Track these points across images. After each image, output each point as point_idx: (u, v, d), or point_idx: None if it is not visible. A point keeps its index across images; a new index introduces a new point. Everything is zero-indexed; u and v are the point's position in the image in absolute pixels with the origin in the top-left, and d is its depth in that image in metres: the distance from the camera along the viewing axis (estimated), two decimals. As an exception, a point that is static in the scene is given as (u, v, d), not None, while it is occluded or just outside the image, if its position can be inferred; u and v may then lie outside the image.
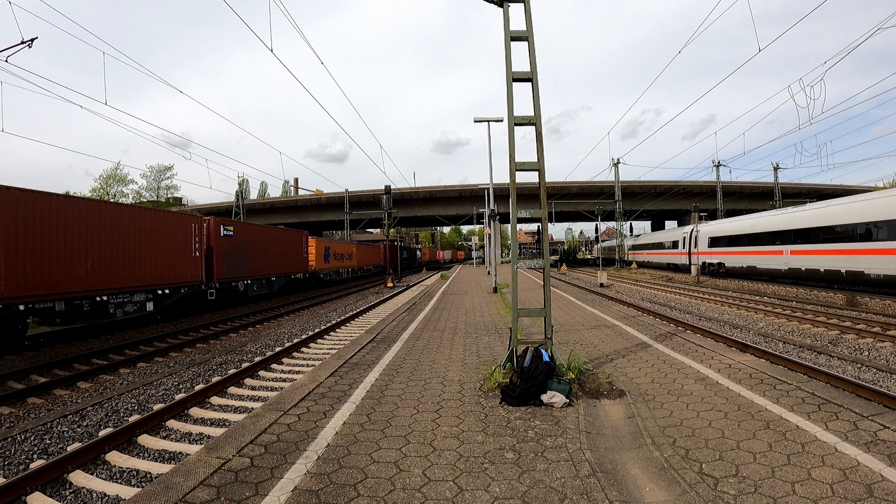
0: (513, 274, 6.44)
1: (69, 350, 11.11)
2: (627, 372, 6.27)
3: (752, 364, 6.42)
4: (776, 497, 3.11)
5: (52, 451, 5.53)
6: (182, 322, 15.50)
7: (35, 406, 7.29)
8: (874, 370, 8.11)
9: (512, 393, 5.08)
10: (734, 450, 3.81)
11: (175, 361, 10.14)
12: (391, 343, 8.60)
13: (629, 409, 4.88)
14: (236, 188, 51.03)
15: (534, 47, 5.94)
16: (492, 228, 24.80)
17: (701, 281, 28.79)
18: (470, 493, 3.26)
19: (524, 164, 5.97)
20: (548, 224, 6.27)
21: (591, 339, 8.73)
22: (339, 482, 3.42)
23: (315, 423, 4.56)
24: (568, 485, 3.33)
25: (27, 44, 12.56)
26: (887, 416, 4.38)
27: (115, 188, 49.51)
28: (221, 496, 3.24)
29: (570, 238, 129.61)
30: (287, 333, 13.39)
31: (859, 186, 54.18)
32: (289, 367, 9.32)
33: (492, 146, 22.73)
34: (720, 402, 4.95)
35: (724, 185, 50.39)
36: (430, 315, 12.58)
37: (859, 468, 3.42)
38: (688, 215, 50.58)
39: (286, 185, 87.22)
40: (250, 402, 7.27)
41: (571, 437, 4.16)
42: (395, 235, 67.27)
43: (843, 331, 11.43)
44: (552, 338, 6.00)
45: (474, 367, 6.64)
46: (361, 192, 54.50)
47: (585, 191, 54.64)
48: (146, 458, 5.32)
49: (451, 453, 3.88)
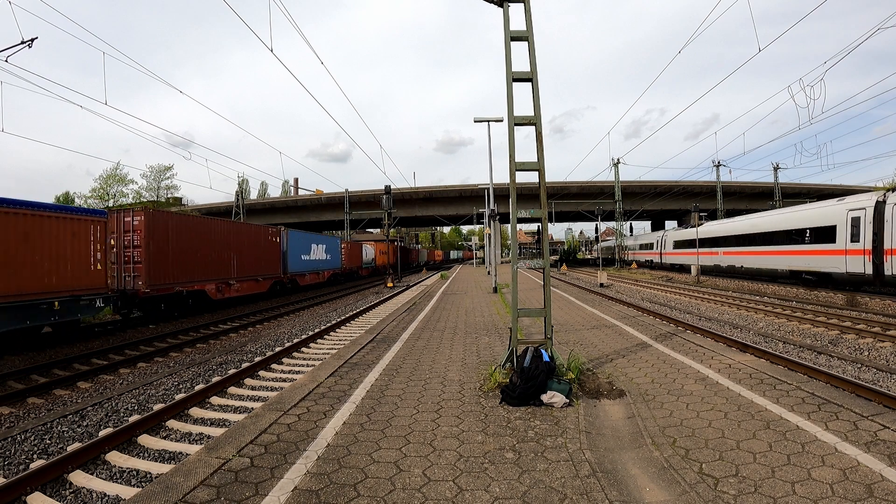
0: (513, 274, 6.44)
1: (69, 350, 11.11)
2: (627, 372, 6.26)
3: (752, 364, 6.42)
4: (776, 497, 3.11)
5: (52, 451, 5.53)
6: (182, 322, 15.51)
7: (35, 406, 7.29)
8: (874, 370, 8.11)
9: (512, 393, 5.08)
10: (734, 450, 3.81)
11: (175, 361, 10.14)
12: (391, 343, 8.60)
13: (629, 409, 4.88)
14: (236, 188, 51.08)
15: (534, 47, 5.94)
16: (492, 228, 24.81)
17: (701, 281, 28.81)
18: (470, 493, 3.26)
19: (524, 164, 5.97)
20: (548, 224, 6.27)
21: (591, 339, 8.73)
22: (340, 482, 3.42)
23: (315, 423, 4.55)
24: (568, 485, 3.33)
25: (27, 44, 12.55)
26: (887, 415, 4.38)
27: (115, 188, 49.52)
28: (221, 496, 3.24)
29: (570, 238, 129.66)
30: (287, 333, 13.39)
31: (859, 186, 54.20)
32: (289, 367, 9.32)
33: (492, 146, 22.76)
34: (720, 402, 4.95)
35: (724, 185, 50.42)
36: (430, 315, 12.58)
37: (859, 468, 3.42)
38: (688, 215, 50.48)
39: (286, 185, 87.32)
40: (250, 402, 7.26)
41: (571, 437, 4.16)
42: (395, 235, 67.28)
43: (843, 331, 11.43)
44: (552, 338, 6.00)
45: (474, 367, 6.64)
46: (361, 192, 54.53)
47: (585, 191, 54.65)
48: (146, 458, 5.32)
49: (451, 453, 3.88)
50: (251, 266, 20.19)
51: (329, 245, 31.26)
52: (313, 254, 27.98)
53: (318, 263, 28.64)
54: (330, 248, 31.25)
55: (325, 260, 29.99)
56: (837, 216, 18.36)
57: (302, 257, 25.96)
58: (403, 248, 47.78)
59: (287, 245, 23.78)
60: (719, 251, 29.49)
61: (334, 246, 32.67)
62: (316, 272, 28.66)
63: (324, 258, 29.57)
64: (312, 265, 27.75)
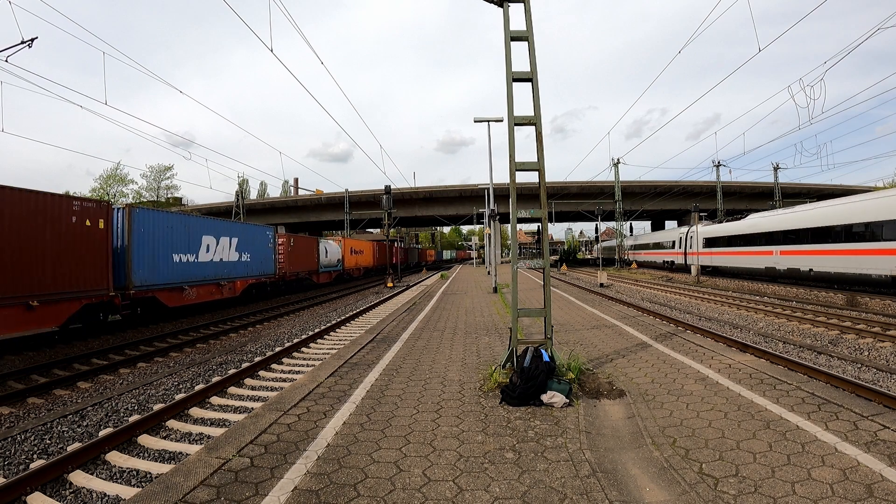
0: (513, 274, 6.44)
1: (69, 350, 11.11)
2: (627, 372, 6.26)
3: (752, 364, 6.42)
4: (776, 497, 3.11)
5: (52, 451, 5.53)
6: (182, 322, 15.50)
7: (35, 406, 7.29)
8: (874, 370, 8.11)
9: (512, 393, 5.08)
10: (734, 450, 3.81)
11: (175, 361, 10.14)
12: (391, 343, 8.60)
13: (629, 409, 4.88)
14: (236, 188, 51.08)
15: (534, 47, 5.94)
16: (492, 228, 24.81)
17: (701, 281, 28.77)
18: (470, 493, 3.26)
19: (524, 164, 5.97)
20: (548, 224, 6.27)
21: (591, 339, 8.73)
22: (340, 482, 3.42)
23: (315, 423, 4.55)
24: (568, 485, 3.33)
25: (27, 44, 12.56)
26: (887, 415, 4.38)
27: (115, 188, 49.59)
28: (221, 496, 3.24)
29: (570, 238, 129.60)
30: (287, 333, 13.40)
31: (859, 186, 54.23)
32: (289, 367, 9.32)
33: (492, 146, 22.77)
34: (720, 402, 4.95)
35: (724, 184, 50.38)
36: (430, 315, 12.58)
37: (859, 468, 3.42)
38: (688, 215, 50.51)
39: (286, 185, 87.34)
40: (250, 402, 7.27)
41: (571, 437, 4.16)
42: (395, 235, 67.27)
43: (843, 331, 11.43)
44: (552, 338, 6.00)
45: (474, 367, 6.64)
46: (361, 192, 54.52)
47: (585, 191, 54.63)
48: (146, 458, 5.32)
49: (451, 453, 3.88)
50: (8, 276, 9.71)
51: (246, 237, 19.88)
52: (208, 252, 17.09)
53: (217, 268, 17.60)
54: (248, 241, 20.02)
55: (239, 262, 19.17)
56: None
57: (176, 257, 15.29)
58: (388, 245, 39.65)
59: (130, 235, 13.27)
60: (774, 250, 23.14)
61: (259, 239, 21.05)
62: (214, 283, 17.34)
63: (234, 259, 18.82)
64: (203, 270, 16.71)
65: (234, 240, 18.93)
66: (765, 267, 23.96)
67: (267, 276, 21.88)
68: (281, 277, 23.83)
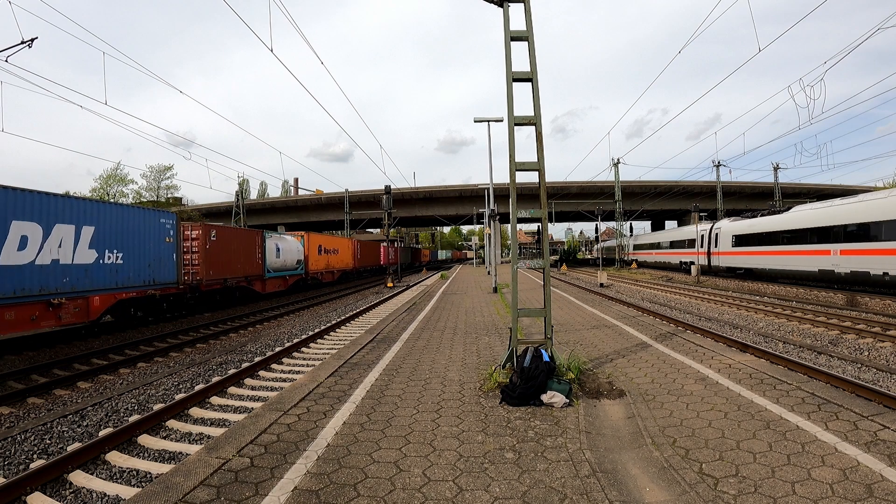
0: (513, 274, 6.43)
1: (69, 350, 11.11)
2: (627, 372, 6.26)
3: (752, 364, 6.42)
4: (776, 497, 3.11)
5: (52, 451, 5.53)
6: (182, 322, 15.50)
7: (35, 406, 7.29)
8: (874, 370, 8.11)
9: (512, 393, 5.08)
10: (734, 450, 3.81)
11: (175, 361, 10.14)
12: (391, 343, 8.60)
13: (629, 409, 4.88)
14: (236, 188, 51.08)
15: (534, 47, 5.94)
16: (492, 228, 24.81)
17: (701, 281, 28.77)
18: (470, 493, 3.26)
19: (524, 164, 5.97)
20: (548, 224, 6.27)
21: (591, 339, 8.73)
22: (340, 482, 3.42)
23: (315, 423, 4.55)
24: (568, 485, 3.33)
25: (27, 44, 12.55)
26: (887, 415, 4.38)
27: (115, 188, 49.60)
28: (221, 496, 3.24)
29: (570, 238, 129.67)
30: (287, 333, 13.39)
31: (859, 186, 54.19)
32: (289, 367, 9.32)
33: (492, 146, 22.77)
34: (720, 402, 4.94)
35: (724, 184, 50.42)
36: (430, 315, 12.58)
37: (859, 468, 3.42)
38: (688, 215, 50.56)
39: (286, 185, 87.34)
40: (250, 402, 7.26)
41: (571, 437, 4.16)
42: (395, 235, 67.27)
43: (843, 331, 11.43)
44: (552, 338, 6.00)
45: (474, 367, 6.64)
46: (361, 192, 54.54)
47: (585, 191, 54.65)
48: (146, 458, 5.32)
49: (451, 453, 3.88)
50: None
51: (115, 226, 12.38)
52: (25, 248, 9.89)
53: (45, 276, 10.34)
54: (120, 232, 12.53)
55: (97, 266, 11.73)
56: None
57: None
58: (372, 243, 33.53)
59: None
60: (832, 248, 18.59)
61: (143, 229, 13.46)
62: (39, 301, 10.20)
63: (86, 261, 11.43)
64: (10, 280, 9.58)
65: (88, 230, 11.49)
66: (818, 269, 19.40)
67: (161, 287, 14.24)
68: (191, 288, 16.44)
